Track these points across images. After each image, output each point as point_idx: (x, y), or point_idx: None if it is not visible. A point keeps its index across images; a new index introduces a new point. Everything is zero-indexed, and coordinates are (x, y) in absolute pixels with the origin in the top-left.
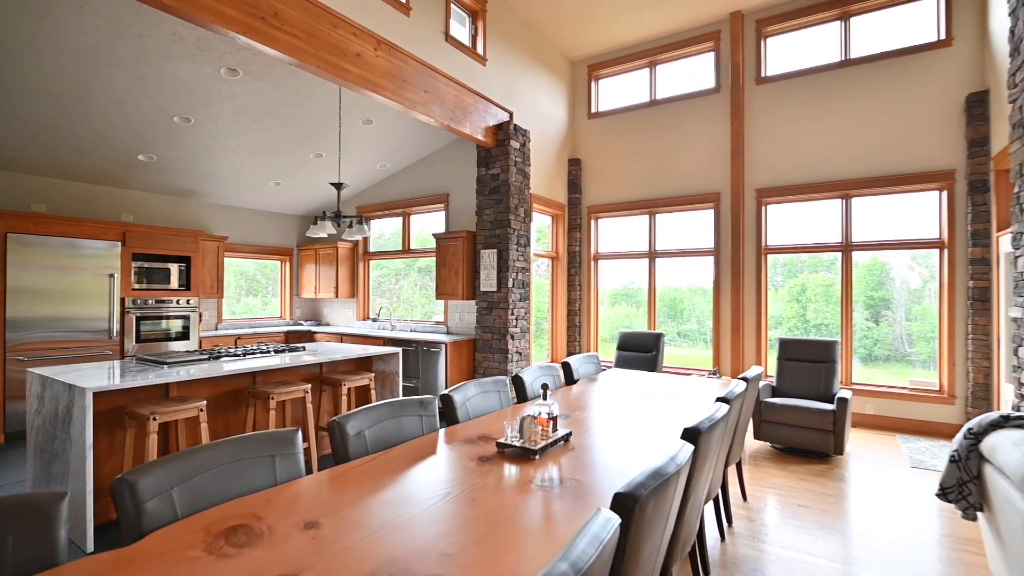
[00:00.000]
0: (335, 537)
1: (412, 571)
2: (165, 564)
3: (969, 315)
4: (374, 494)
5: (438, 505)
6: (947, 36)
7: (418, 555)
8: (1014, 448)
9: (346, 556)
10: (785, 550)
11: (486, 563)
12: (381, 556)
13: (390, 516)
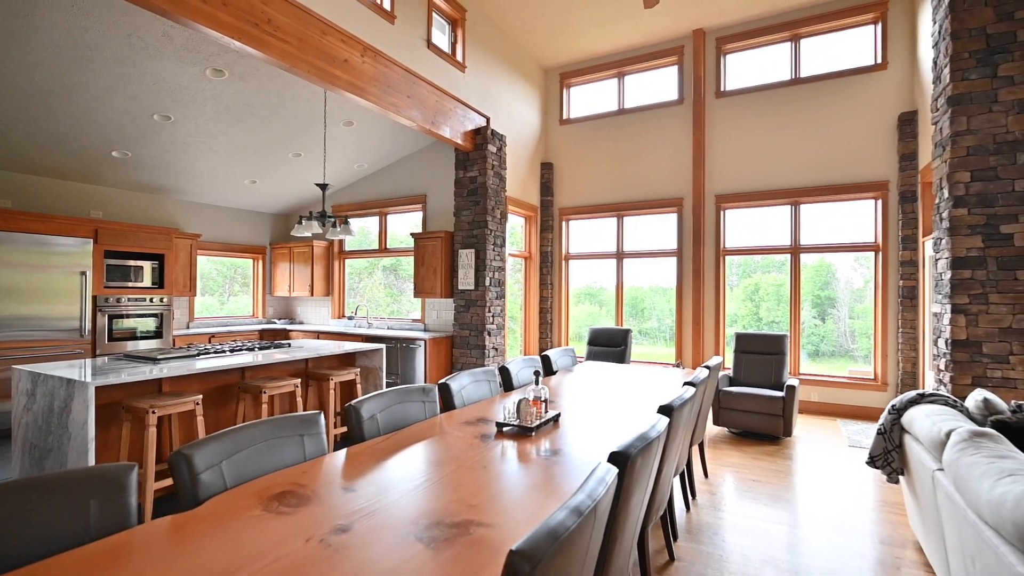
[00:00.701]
0: (373, 497)
1: (448, 518)
2: (231, 521)
3: (900, 311)
4: (396, 465)
5: (454, 472)
6: (883, 60)
7: (449, 508)
8: (926, 419)
9: (387, 511)
10: (741, 518)
11: (507, 511)
12: (417, 509)
13: (416, 481)
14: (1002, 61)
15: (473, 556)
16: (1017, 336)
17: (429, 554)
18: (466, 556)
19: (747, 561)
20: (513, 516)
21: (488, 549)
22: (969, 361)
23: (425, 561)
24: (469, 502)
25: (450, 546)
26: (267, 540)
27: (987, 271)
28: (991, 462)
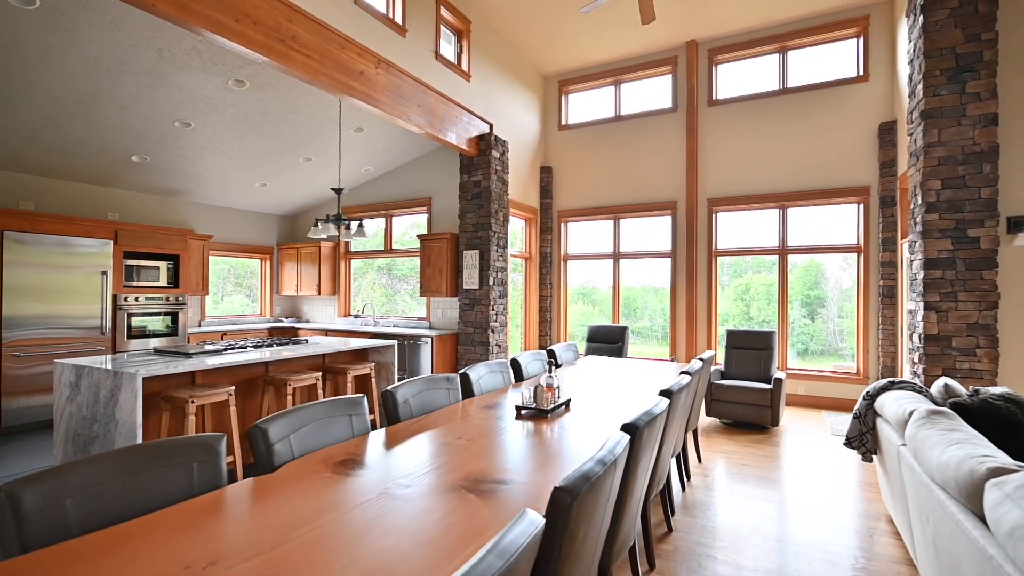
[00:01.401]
0: (421, 464)
1: (488, 477)
2: (307, 481)
3: (880, 309)
4: (434, 440)
5: (486, 446)
6: (865, 73)
7: (486, 471)
8: (894, 402)
9: (435, 473)
10: (732, 496)
11: (533, 472)
12: (462, 472)
13: (453, 452)
14: (970, 79)
15: (513, 502)
16: (983, 331)
17: (479, 501)
18: (508, 501)
19: (737, 532)
20: (540, 476)
21: (525, 497)
22: (940, 354)
23: (478, 506)
24: (502, 467)
25: (493, 496)
26: (343, 494)
27: (956, 271)
28: (943, 434)
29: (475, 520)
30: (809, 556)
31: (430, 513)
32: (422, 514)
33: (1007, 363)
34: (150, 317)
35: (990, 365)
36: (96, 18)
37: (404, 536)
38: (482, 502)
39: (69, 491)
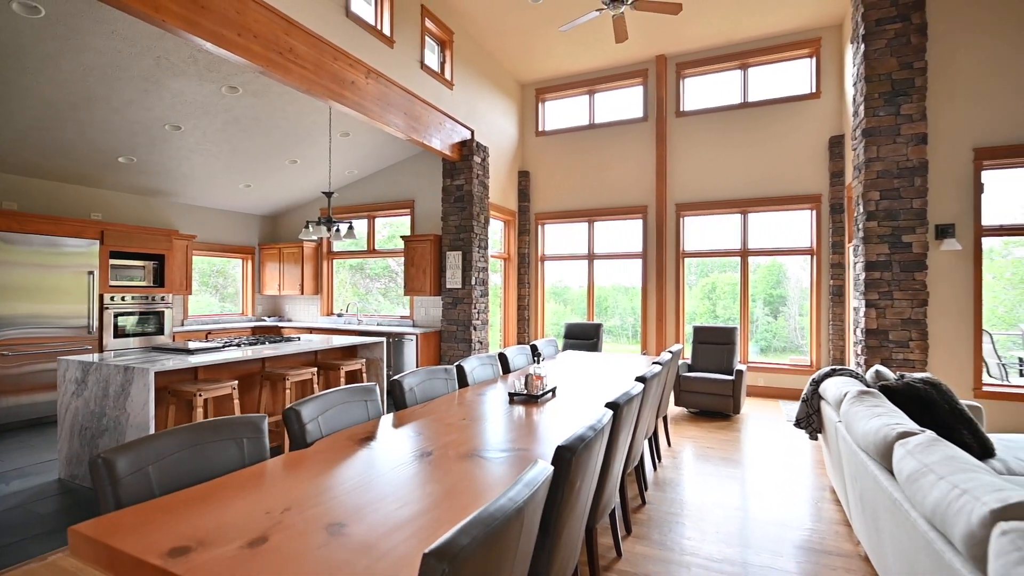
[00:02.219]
0: (436, 439)
1: (498, 447)
2: (342, 453)
3: (831, 307)
4: (440, 421)
5: (488, 425)
6: (817, 90)
7: (493, 443)
8: (834, 386)
9: (451, 446)
10: (698, 475)
11: (535, 443)
12: (472, 444)
13: (461, 430)
14: (903, 102)
15: (520, 464)
16: (915, 325)
17: (491, 464)
18: (516, 463)
19: (702, 504)
20: (538, 446)
21: (529, 461)
22: (879, 346)
23: (491, 467)
24: (506, 440)
25: (506, 460)
26: (375, 461)
27: (892, 273)
28: (869, 409)
29: (491, 476)
30: (764, 522)
31: (453, 472)
32: (447, 473)
33: (935, 353)
34: (136, 316)
35: (921, 355)
36: (99, 28)
37: (437, 487)
38: (494, 465)
39: (150, 459)
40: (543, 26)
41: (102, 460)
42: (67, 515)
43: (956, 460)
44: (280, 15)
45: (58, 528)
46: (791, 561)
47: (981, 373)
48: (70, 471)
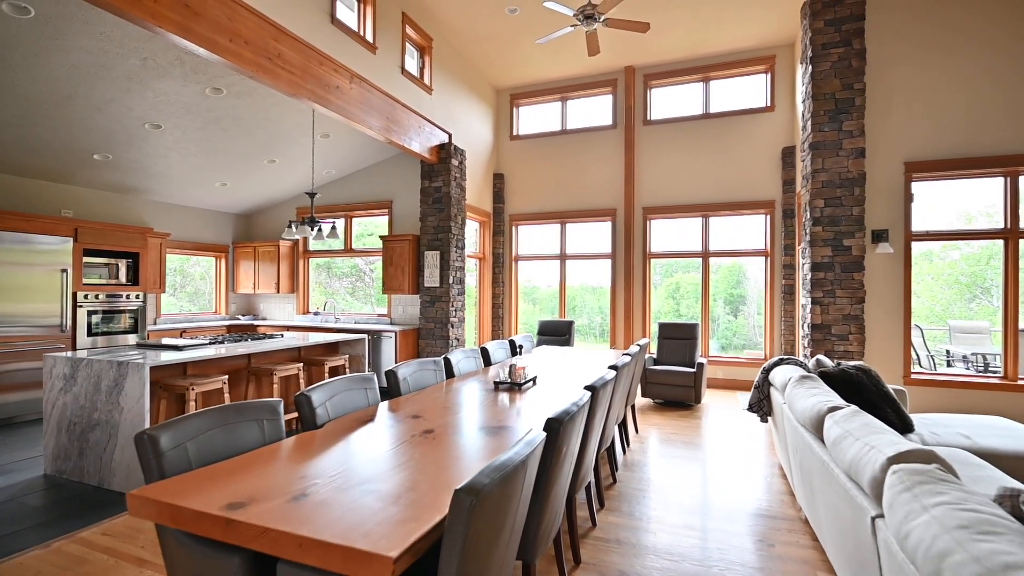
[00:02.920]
0: (435, 420)
1: (491, 424)
2: (352, 432)
3: (783, 304)
4: (436, 405)
5: (480, 408)
6: (771, 104)
7: (488, 421)
8: (781, 373)
9: (449, 425)
10: (662, 457)
11: (523, 422)
12: (468, 422)
13: (455, 412)
14: (845, 119)
15: (514, 436)
16: (854, 320)
17: (488, 436)
18: (510, 436)
19: (667, 481)
20: (526, 423)
21: (519, 433)
22: (823, 339)
23: (489, 439)
24: (497, 418)
25: (497, 434)
26: (385, 438)
27: (834, 273)
28: (808, 391)
29: (491, 445)
30: (721, 495)
31: (457, 443)
32: (452, 444)
33: (871, 345)
34: (110, 315)
35: (859, 347)
36: (88, 29)
37: (445, 453)
38: (491, 437)
39: (187, 436)
40: (519, 35)
41: (147, 436)
42: (60, 507)
43: (870, 426)
44: (269, 22)
45: (54, 519)
46: (743, 525)
47: (910, 362)
48: (57, 466)
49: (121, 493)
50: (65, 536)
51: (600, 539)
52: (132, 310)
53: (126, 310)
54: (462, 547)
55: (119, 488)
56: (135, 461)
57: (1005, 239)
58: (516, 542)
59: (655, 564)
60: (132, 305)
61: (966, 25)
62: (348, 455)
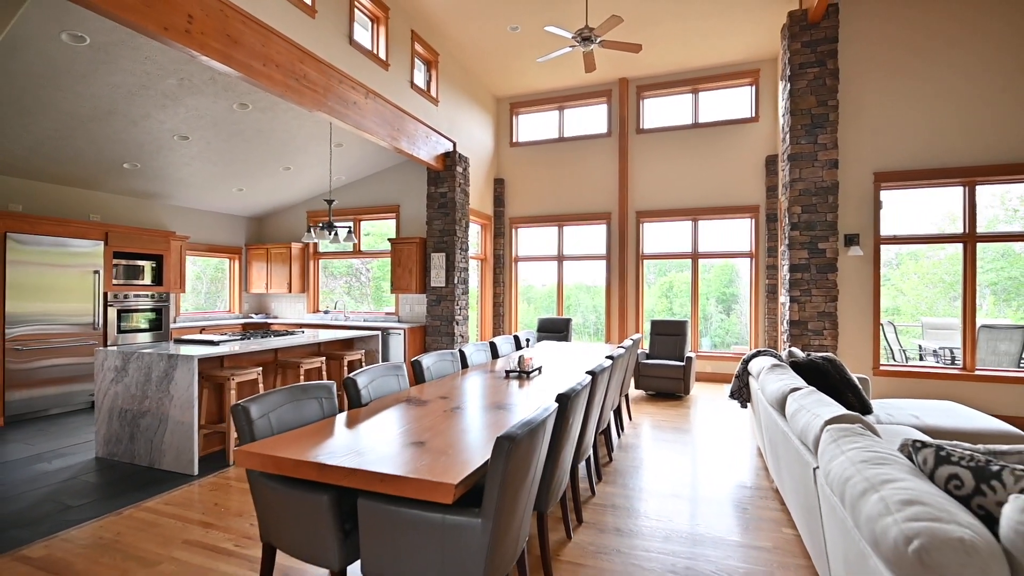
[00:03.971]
0: (459, 399)
1: (507, 403)
2: (394, 409)
3: (766, 302)
4: (457, 389)
5: (495, 391)
6: (756, 115)
7: (503, 401)
8: (757, 363)
9: (473, 402)
10: (654, 440)
11: (528, 401)
12: (488, 401)
13: (476, 394)
14: (820, 133)
15: (520, 415)
16: (828, 317)
17: (507, 413)
18: (523, 414)
19: (658, 460)
20: (536, 401)
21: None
22: (800, 335)
23: (507, 415)
24: (512, 399)
25: (513, 410)
26: (422, 413)
27: (811, 274)
28: (778, 376)
29: (509, 419)
30: (705, 472)
31: (482, 417)
32: (477, 417)
33: (843, 340)
34: (137, 313)
35: (832, 341)
36: (134, 53)
37: (473, 423)
38: (508, 413)
39: (268, 408)
40: (520, 50)
41: (241, 407)
42: (119, 484)
43: (821, 402)
44: (296, 46)
45: (116, 493)
46: (723, 495)
47: (879, 355)
48: (108, 450)
49: (171, 472)
50: (132, 506)
51: (599, 504)
52: (157, 309)
53: (151, 309)
54: (502, 480)
55: (169, 468)
56: (184, 443)
57: (964, 243)
58: (535, 491)
59: (646, 524)
60: (157, 304)
61: (929, 48)
62: (396, 424)
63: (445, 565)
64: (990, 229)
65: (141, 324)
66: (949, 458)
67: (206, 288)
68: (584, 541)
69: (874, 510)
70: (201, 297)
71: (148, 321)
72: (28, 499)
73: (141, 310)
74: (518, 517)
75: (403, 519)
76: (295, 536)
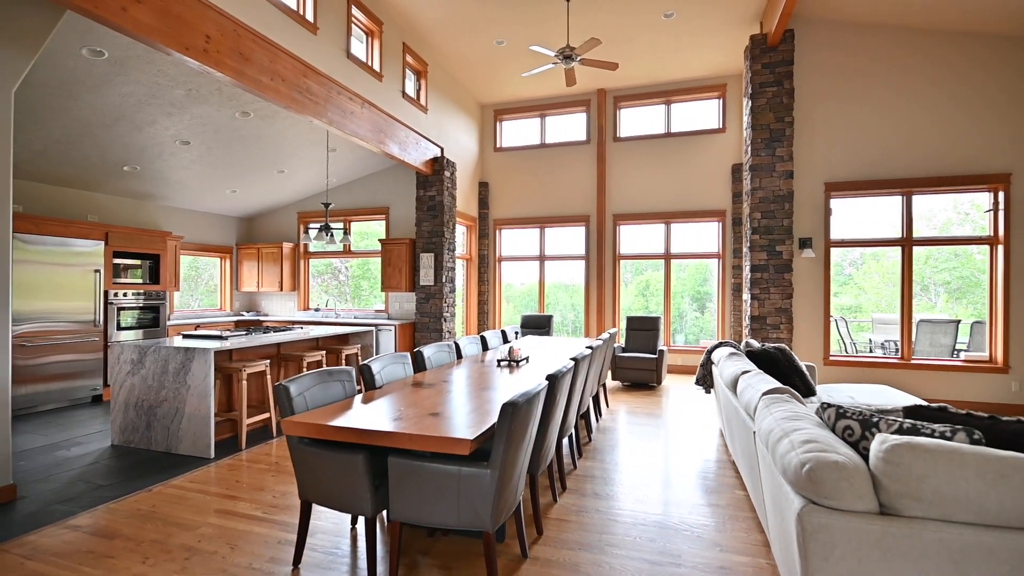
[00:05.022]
0: (460, 383)
1: (501, 386)
2: (405, 390)
3: (732, 299)
4: (458, 375)
5: (492, 376)
6: (723, 126)
7: (498, 384)
8: (718, 353)
9: (472, 386)
10: (629, 424)
11: (519, 385)
12: (485, 384)
13: (474, 379)
14: (777, 147)
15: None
16: (784, 313)
17: (497, 392)
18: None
19: (633, 441)
20: (525, 386)
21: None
22: (760, 328)
23: (497, 394)
24: (505, 383)
25: (507, 392)
26: (429, 393)
27: (769, 273)
28: (734, 362)
29: (505, 396)
30: (674, 449)
31: (481, 396)
32: (476, 396)
33: (798, 333)
34: (136, 311)
35: (788, 335)
36: (148, 67)
37: (475, 401)
38: (504, 393)
39: (303, 388)
40: (505, 61)
41: (283, 386)
42: (140, 467)
43: (764, 379)
44: (300, 60)
45: (139, 475)
46: (688, 467)
47: (829, 346)
48: (124, 437)
49: (189, 456)
50: (160, 484)
51: (580, 476)
52: (154, 307)
53: (149, 307)
54: (507, 437)
55: (186, 452)
56: (201, 429)
57: (902, 246)
58: (530, 453)
59: (621, 490)
60: (154, 302)
61: (873, 72)
62: (411, 401)
63: (460, 508)
64: (944, 233)
65: (140, 321)
66: (845, 414)
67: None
68: (568, 503)
69: (784, 448)
70: (199, 295)
71: (145, 318)
72: (60, 480)
73: (139, 307)
74: (517, 471)
75: (426, 471)
76: (333, 491)
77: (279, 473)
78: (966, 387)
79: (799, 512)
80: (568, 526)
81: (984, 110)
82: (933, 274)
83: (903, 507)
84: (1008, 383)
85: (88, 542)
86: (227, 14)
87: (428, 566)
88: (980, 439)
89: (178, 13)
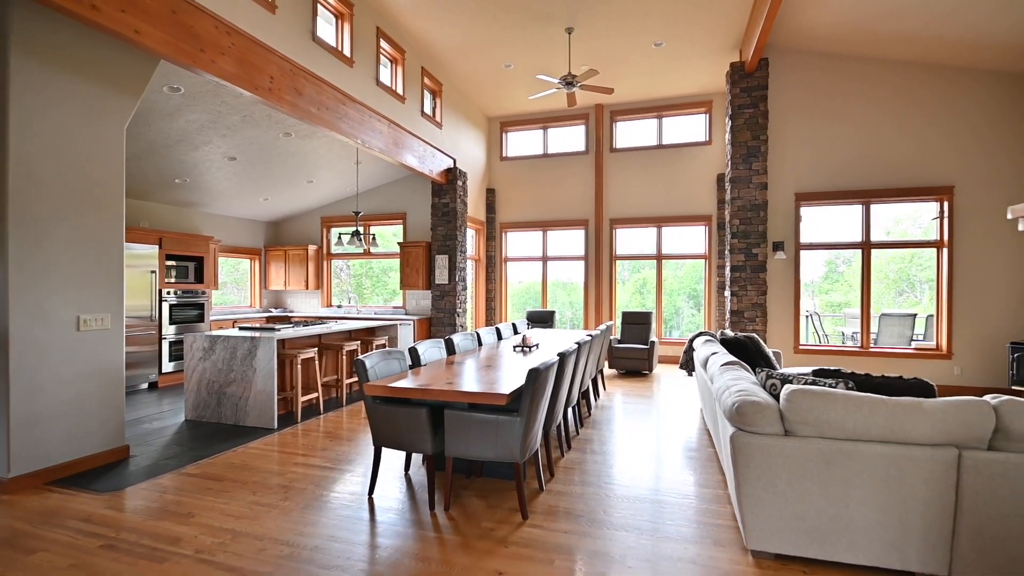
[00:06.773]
0: (486, 362)
1: (514, 364)
2: (442, 367)
3: (717, 297)
4: (483, 356)
5: (509, 358)
6: (709, 139)
7: (516, 363)
8: (698, 340)
9: (497, 365)
10: (624, 404)
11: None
12: (506, 362)
13: (496, 359)
14: (754, 161)
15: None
16: (759, 308)
17: (517, 369)
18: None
19: (627, 418)
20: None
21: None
22: (739, 321)
23: (517, 370)
24: (523, 362)
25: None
26: (467, 367)
27: (746, 273)
28: (708, 347)
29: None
30: (661, 424)
31: (506, 371)
32: (503, 371)
33: (772, 326)
34: (184, 308)
35: (763, 327)
36: (213, 99)
37: (502, 373)
38: (521, 370)
39: (373, 363)
40: (511, 81)
41: (361, 361)
42: (216, 435)
43: (726, 357)
44: (339, 91)
45: (218, 440)
46: (673, 437)
47: (799, 337)
48: (197, 413)
49: (255, 427)
50: (240, 446)
51: (582, 439)
52: (199, 304)
53: (195, 303)
54: (531, 395)
55: (253, 424)
56: (266, 404)
57: (862, 249)
58: (545, 411)
59: (616, 447)
60: (199, 300)
61: (837, 96)
62: (453, 372)
63: (498, 445)
64: (904, 237)
65: (188, 316)
66: (772, 376)
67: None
68: (573, 458)
69: (726, 396)
70: (224, 292)
71: (191, 314)
72: (156, 444)
73: (187, 304)
74: (537, 421)
75: (474, 420)
76: (402, 437)
77: (335, 439)
78: (916, 371)
79: (731, 436)
80: (573, 472)
81: (931, 129)
82: (918, 272)
83: (798, 430)
84: (951, 368)
85: (203, 483)
86: (286, 57)
87: (468, 496)
88: (852, 387)
89: (251, 61)
